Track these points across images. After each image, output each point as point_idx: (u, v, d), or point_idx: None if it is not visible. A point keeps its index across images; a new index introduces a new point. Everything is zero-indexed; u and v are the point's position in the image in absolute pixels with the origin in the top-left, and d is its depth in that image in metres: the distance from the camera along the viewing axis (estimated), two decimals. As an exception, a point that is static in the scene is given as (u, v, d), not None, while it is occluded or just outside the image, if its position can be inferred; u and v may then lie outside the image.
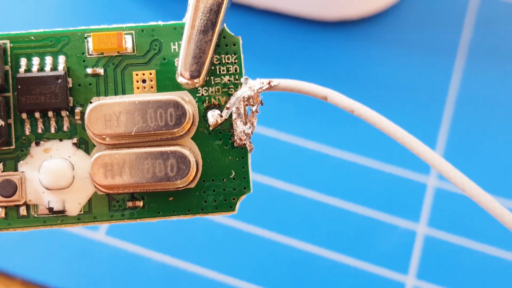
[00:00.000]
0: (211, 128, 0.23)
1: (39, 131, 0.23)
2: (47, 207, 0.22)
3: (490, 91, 0.40)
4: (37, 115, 0.22)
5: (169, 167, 0.22)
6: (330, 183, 0.37)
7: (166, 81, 0.23)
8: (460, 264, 0.35)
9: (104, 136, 0.22)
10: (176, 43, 0.23)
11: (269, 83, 0.23)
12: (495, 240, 0.36)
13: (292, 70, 0.40)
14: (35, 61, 0.23)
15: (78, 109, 0.23)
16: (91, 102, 0.23)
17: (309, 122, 0.39)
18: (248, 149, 0.23)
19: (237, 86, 0.23)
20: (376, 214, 0.36)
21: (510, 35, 0.41)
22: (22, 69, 0.23)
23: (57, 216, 0.22)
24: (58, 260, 0.35)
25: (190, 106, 0.22)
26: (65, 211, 0.22)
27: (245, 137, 0.23)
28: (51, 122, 0.22)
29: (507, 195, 0.37)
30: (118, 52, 0.23)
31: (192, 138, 0.23)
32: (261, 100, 0.23)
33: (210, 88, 0.23)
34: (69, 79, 0.23)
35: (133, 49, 0.23)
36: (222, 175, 0.23)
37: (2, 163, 0.22)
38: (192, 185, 0.23)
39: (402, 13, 0.42)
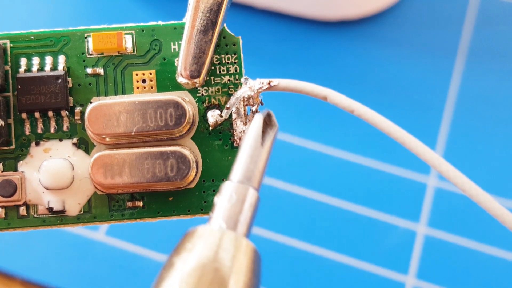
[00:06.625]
0: (211, 128, 0.23)
1: (39, 131, 0.23)
2: (47, 207, 0.22)
3: (490, 91, 0.40)
4: (37, 115, 0.22)
5: (169, 167, 0.22)
6: (330, 183, 0.37)
7: (166, 81, 0.23)
8: (460, 264, 0.35)
9: (104, 136, 0.22)
10: (176, 43, 0.23)
11: (269, 83, 0.23)
12: (495, 240, 0.36)
13: (292, 70, 0.40)
14: (35, 61, 0.23)
15: (78, 109, 0.23)
16: (91, 102, 0.23)
17: (309, 122, 0.39)
18: (248, 149, 0.23)
19: (237, 86, 0.23)
20: (376, 214, 0.36)
21: (510, 35, 0.41)
22: (22, 69, 0.23)
23: (57, 216, 0.22)
24: (58, 260, 0.35)
25: (190, 106, 0.22)
26: (65, 211, 0.22)
27: (245, 137, 0.23)
28: (51, 122, 0.22)
29: (507, 195, 0.37)
30: (118, 52, 0.23)
31: (192, 138, 0.23)
32: (261, 100, 0.23)
33: (210, 88, 0.23)
34: (69, 79, 0.23)
35: (133, 49, 0.23)
36: (222, 175, 0.23)
37: (2, 163, 0.22)
38: (192, 185, 0.23)
39: (402, 13, 0.42)
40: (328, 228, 0.36)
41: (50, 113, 0.22)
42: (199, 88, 0.23)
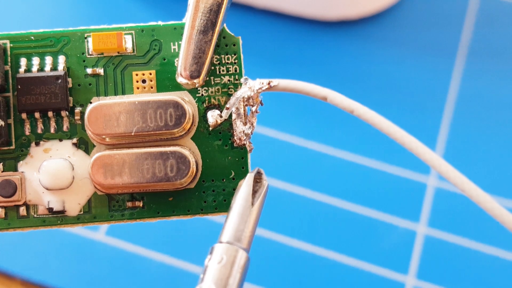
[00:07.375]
0: (211, 128, 0.23)
1: (39, 131, 0.23)
2: (47, 207, 0.22)
3: (490, 91, 0.40)
4: (37, 115, 0.22)
5: (168, 167, 0.22)
6: (330, 183, 0.37)
7: (166, 81, 0.23)
8: (460, 264, 0.35)
9: (104, 136, 0.22)
10: (176, 43, 0.23)
11: (268, 83, 0.23)
12: (495, 240, 0.36)
13: (292, 70, 0.40)
14: (35, 61, 0.23)
15: (78, 109, 0.23)
16: (91, 102, 0.23)
17: (309, 122, 0.39)
18: (248, 149, 0.23)
19: (237, 86, 0.23)
20: (376, 214, 0.36)
21: (510, 35, 0.41)
22: (22, 69, 0.23)
23: (57, 216, 0.22)
24: (58, 260, 0.35)
25: (190, 106, 0.23)
26: (65, 211, 0.22)
27: (244, 137, 0.23)
28: (51, 122, 0.23)
29: (507, 195, 0.37)
30: (118, 52, 0.23)
31: (192, 138, 0.23)
32: (261, 100, 0.23)
33: (210, 88, 0.23)
34: (69, 79, 0.23)
35: (133, 49, 0.23)
36: (221, 175, 0.23)
37: (2, 163, 0.22)
38: (192, 185, 0.23)
39: (402, 13, 0.42)
40: (328, 228, 0.36)
41: (50, 113, 0.22)
42: (199, 88, 0.23)
